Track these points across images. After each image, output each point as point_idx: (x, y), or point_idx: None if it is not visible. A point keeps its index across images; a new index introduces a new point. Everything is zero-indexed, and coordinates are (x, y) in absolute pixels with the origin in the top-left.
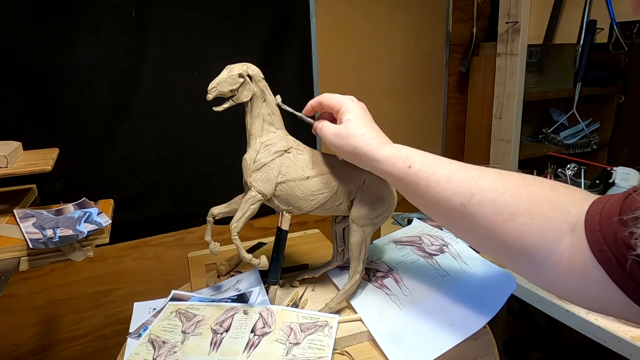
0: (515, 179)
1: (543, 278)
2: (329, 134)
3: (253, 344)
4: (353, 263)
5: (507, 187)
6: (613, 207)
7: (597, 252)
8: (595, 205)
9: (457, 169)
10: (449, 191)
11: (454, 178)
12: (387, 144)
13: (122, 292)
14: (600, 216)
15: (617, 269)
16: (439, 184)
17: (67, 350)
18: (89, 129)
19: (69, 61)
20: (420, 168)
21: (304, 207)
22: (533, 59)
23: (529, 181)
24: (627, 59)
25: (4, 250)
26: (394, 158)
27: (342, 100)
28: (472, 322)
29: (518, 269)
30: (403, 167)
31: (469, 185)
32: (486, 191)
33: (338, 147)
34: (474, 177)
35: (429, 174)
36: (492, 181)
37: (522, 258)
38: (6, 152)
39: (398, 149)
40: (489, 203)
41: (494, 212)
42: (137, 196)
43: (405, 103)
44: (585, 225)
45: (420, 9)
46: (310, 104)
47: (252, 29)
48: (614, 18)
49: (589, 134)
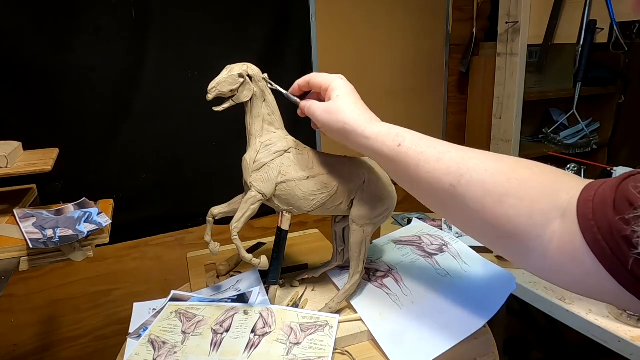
0: (507, 160)
1: (531, 262)
2: (317, 110)
3: (253, 344)
4: (353, 263)
5: (497, 169)
6: (607, 194)
7: (591, 241)
8: (587, 191)
9: (448, 148)
10: (438, 171)
11: (444, 158)
12: (377, 121)
13: (122, 292)
14: (593, 204)
15: (611, 258)
16: (429, 164)
17: (67, 350)
18: (89, 129)
19: (69, 61)
20: (410, 147)
21: (304, 207)
22: (533, 59)
23: (521, 164)
24: (627, 59)
25: (4, 250)
26: (384, 136)
27: (331, 78)
28: (472, 321)
29: (506, 253)
30: (393, 145)
31: (458, 165)
32: (476, 172)
33: (327, 124)
34: (464, 158)
35: (419, 153)
36: (483, 162)
37: (511, 242)
38: (6, 152)
39: (388, 127)
40: (478, 184)
41: (483, 194)
42: (137, 196)
43: (405, 103)
44: (578, 212)
45: (420, 9)
46: (297, 83)
47: (252, 29)
48: (614, 18)
49: (589, 134)
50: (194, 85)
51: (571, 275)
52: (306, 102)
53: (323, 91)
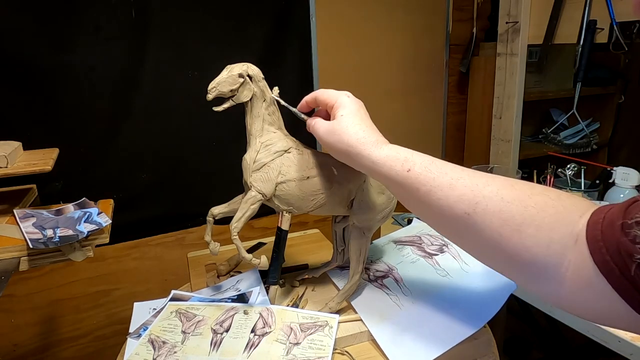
0: (520, 187)
1: (549, 292)
2: (320, 129)
3: (253, 344)
4: (353, 263)
5: (513, 197)
6: (615, 216)
7: (600, 262)
8: (596, 214)
9: (461, 174)
10: (451, 198)
11: (457, 185)
12: (384, 144)
13: (122, 292)
14: (602, 225)
15: (620, 279)
16: (441, 190)
17: (67, 350)
18: (89, 129)
19: (69, 61)
20: (420, 172)
21: (304, 207)
22: (533, 59)
23: (536, 190)
24: (627, 59)
25: (4, 250)
26: (392, 160)
27: (337, 95)
28: (472, 322)
29: (523, 282)
30: (402, 171)
31: (473, 193)
32: (492, 200)
33: (330, 145)
34: (478, 185)
35: (431, 179)
36: (498, 190)
37: (528, 271)
38: (6, 152)
39: (397, 150)
40: (494, 213)
41: (500, 223)
42: (137, 196)
43: (405, 103)
44: (587, 235)
45: (420, 9)
46: (305, 100)
47: (252, 29)
48: (614, 18)
49: (589, 134)
50: (194, 85)
51: (588, 302)
52: (312, 120)
53: (329, 108)
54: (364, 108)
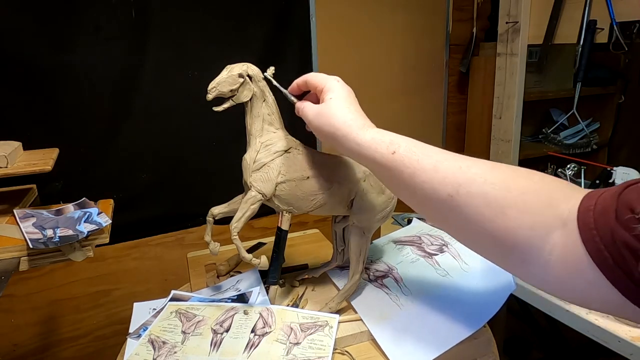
0: (505, 169)
1: (532, 274)
2: (309, 113)
3: (253, 344)
4: (353, 263)
5: (497, 179)
6: (607, 203)
7: (593, 251)
8: (587, 200)
9: (445, 157)
10: (435, 180)
11: (441, 167)
12: (370, 127)
13: (122, 292)
14: (594, 212)
15: (613, 269)
16: (425, 172)
17: (67, 350)
18: (89, 129)
19: (69, 61)
20: (405, 154)
21: (304, 207)
22: (533, 59)
23: (520, 173)
24: (627, 59)
25: (4, 250)
26: (377, 143)
27: (326, 79)
28: (472, 321)
29: (507, 265)
30: (387, 153)
31: (456, 175)
32: (476, 182)
33: (317, 127)
34: (462, 167)
35: (415, 161)
36: (482, 172)
37: (512, 254)
38: (6, 152)
39: (382, 133)
40: (478, 195)
41: (484, 205)
42: (137, 196)
43: (405, 103)
44: (578, 222)
45: (420, 9)
46: (296, 82)
47: (252, 29)
48: (614, 18)
49: (589, 134)
50: (194, 85)
51: (573, 287)
52: (301, 103)
53: (318, 92)
54: (353, 94)
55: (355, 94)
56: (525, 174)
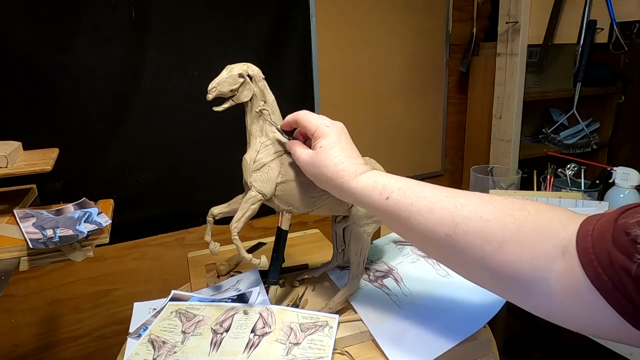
0: (499, 204)
1: (538, 306)
2: (300, 159)
3: (253, 344)
4: (353, 263)
5: (492, 215)
6: (605, 227)
7: (592, 275)
8: (585, 226)
9: (439, 197)
10: (431, 222)
11: (436, 207)
12: (362, 173)
13: (122, 292)
14: (592, 237)
15: (612, 291)
16: (421, 215)
17: (67, 350)
18: (89, 129)
19: (69, 61)
20: (399, 199)
21: (304, 207)
22: (533, 59)
23: (515, 205)
24: (627, 59)
25: (4, 250)
26: (370, 190)
27: (316, 125)
28: (472, 322)
29: (512, 297)
30: (380, 199)
31: (452, 214)
32: (471, 220)
33: (311, 175)
34: (457, 206)
35: (409, 205)
36: (476, 209)
37: (515, 287)
38: (6, 152)
39: (375, 179)
40: (475, 232)
41: (482, 242)
42: (137, 196)
43: (405, 103)
44: (577, 247)
45: (420, 9)
46: (287, 120)
47: (252, 28)
48: (614, 18)
49: (589, 134)
50: (194, 85)
51: (578, 314)
52: (292, 144)
53: (309, 135)
54: (345, 133)
55: (355, 94)
56: (520, 205)
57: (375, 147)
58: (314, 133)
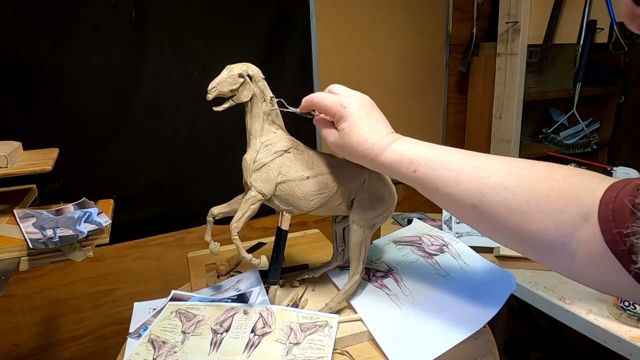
0: (526, 173)
1: (559, 266)
2: (329, 142)
3: (253, 344)
4: (353, 263)
5: (518, 186)
6: (627, 194)
7: (610, 242)
8: (609, 193)
9: (465, 167)
10: (458, 193)
11: (462, 179)
12: (387, 147)
13: (122, 292)
14: (614, 205)
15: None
16: (448, 186)
17: (67, 350)
18: (89, 129)
19: (69, 61)
20: (426, 171)
21: (304, 207)
22: (533, 59)
23: (542, 175)
24: (627, 59)
25: (4, 250)
26: (397, 164)
27: (333, 107)
28: (472, 322)
29: (537, 259)
30: (408, 172)
31: (478, 186)
32: (496, 191)
33: (342, 155)
34: (483, 177)
35: (436, 177)
36: (502, 180)
37: (539, 250)
38: (6, 152)
39: (401, 152)
40: (500, 203)
41: (507, 212)
42: (137, 196)
43: (405, 103)
44: (599, 214)
45: (420, 9)
46: (303, 104)
47: (252, 28)
48: (614, 18)
49: (589, 134)
50: (194, 85)
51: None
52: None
53: (330, 118)
54: (363, 105)
55: None
56: (548, 173)
57: None
58: (334, 116)
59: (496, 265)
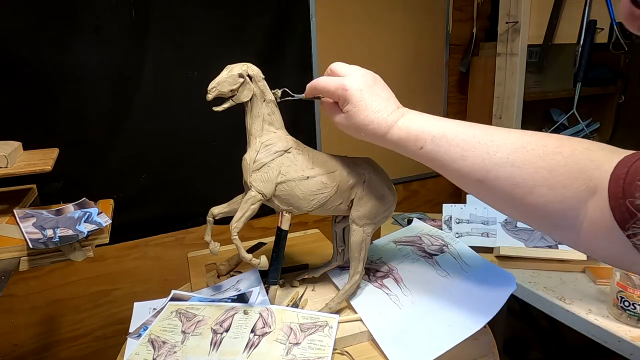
0: (532, 147)
1: (567, 239)
2: (337, 124)
3: (253, 344)
4: (353, 263)
5: (523, 160)
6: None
7: (620, 218)
8: (619, 168)
9: (471, 143)
10: (464, 169)
11: (468, 155)
12: (394, 124)
13: (122, 292)
14: (624, 182)
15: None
16: (454, 162)
17: (67, 350)
18: (89, 129)
19: (69, 61)
20: (432, 148)
21: (304, 207)
22: (533, 59)
23: (548, 148)
24: (627, 59)
25: (4, 250)
26: (404, 141)
27: (335, 91)
28: (472, 322)
29: (543, 231)
30: (415, 149)
31: (483, 162)
32: (502, 167)
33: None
34: (489, 152)
35: (443, 153)
36: (508, 155)
37: (545, 223)
38: (6, 152)
39: (408, 129)
40: (505, 178)
41: (512, 187)
42: (137, 196)
43: (405, 103)
44: (609, 190)
45: (420, 9)
46: (307, 91)
47: (252, 29)
48: (614, 18)
49: (589, 134)
50: (194, 85)
51: (601, 248)
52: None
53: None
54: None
55: None
56: (554, 147)
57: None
58: (339, 100)
59: (496, 265)
